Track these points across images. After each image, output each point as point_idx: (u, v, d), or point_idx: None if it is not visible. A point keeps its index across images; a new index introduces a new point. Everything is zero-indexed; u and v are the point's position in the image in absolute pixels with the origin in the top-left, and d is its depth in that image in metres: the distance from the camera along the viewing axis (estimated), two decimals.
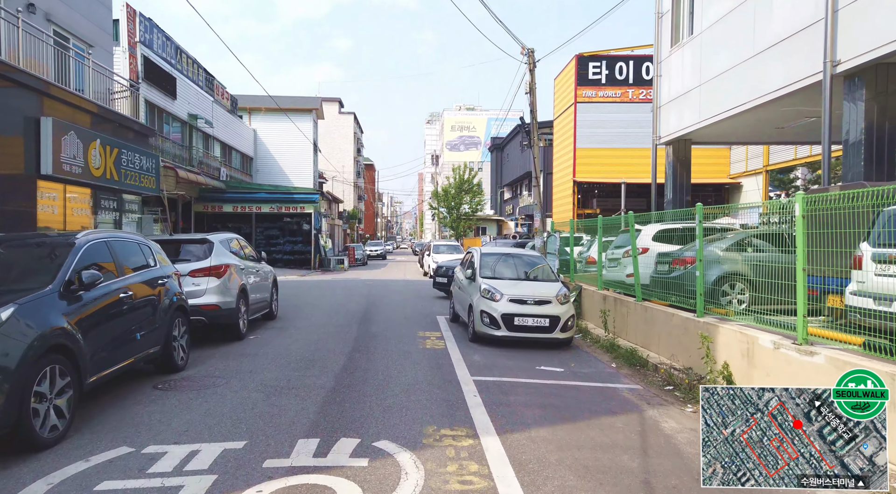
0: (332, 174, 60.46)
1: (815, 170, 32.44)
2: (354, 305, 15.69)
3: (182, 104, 28.91)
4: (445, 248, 27.82)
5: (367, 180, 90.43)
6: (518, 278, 11.38)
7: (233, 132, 37.62)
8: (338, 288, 20.59)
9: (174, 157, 27.98)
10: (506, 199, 63.76)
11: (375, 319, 12.97)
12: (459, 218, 44.99)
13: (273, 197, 31.88)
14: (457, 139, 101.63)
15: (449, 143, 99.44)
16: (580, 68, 39.63)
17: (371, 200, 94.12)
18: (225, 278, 9.72)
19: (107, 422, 5.84)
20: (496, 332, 10.10)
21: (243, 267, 10.70)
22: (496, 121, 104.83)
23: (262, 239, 32.34)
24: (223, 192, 31.28)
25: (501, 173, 63.48)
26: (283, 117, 40.46)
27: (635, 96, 39.63)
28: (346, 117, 70.82)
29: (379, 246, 55.78)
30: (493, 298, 10.19)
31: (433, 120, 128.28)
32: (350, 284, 22.39)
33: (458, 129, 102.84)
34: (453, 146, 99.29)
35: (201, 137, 32.17)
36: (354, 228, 67.18)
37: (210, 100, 33.06)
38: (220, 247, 10.21)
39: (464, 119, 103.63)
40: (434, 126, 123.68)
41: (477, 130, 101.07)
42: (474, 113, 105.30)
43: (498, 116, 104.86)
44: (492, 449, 5.34)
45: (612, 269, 13.36)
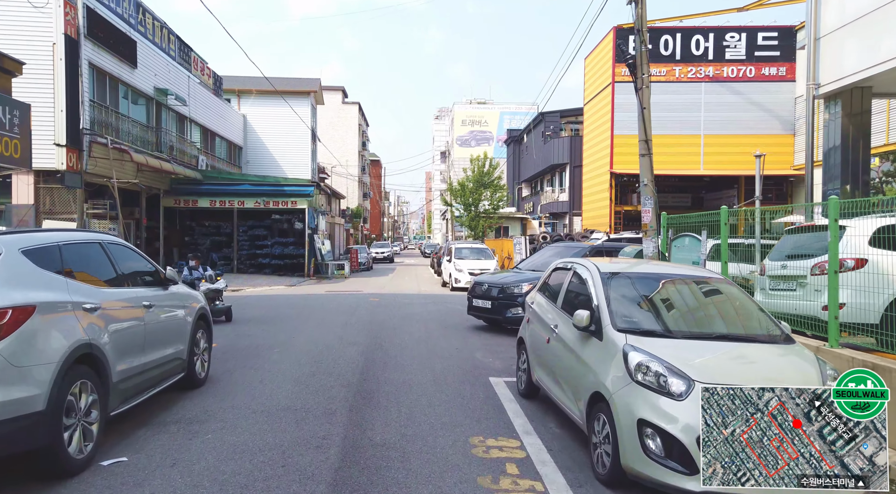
0: (335, 168, 55.13)
1: None
2: (349, 350, 9.53)
3: (145, 75, 23.61)
4: (470, 252, 22.34)
5: (374, 177, 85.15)
6: (702, 332, 4.97)
7: (216, 116, 32.32)
8: (331, 310, 14.51)
9: (134, 138, 22.69)
10: (524, 196, 58.23)
11: (382, 389, 7.07)
12: (478, 216, 39.37)
13: (259, 190, 26.54)
14: (468, 134, 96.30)
15: (459, 138, 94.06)
16: (619, 42, 34.11)
17: (377, 197, 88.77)
18: (19, 339, 3.96)
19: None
20: (685, 482, 3.86)
21: (98, 305, 4.87)
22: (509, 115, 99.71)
23: (245, 240, 26.98)
24: (199, 183, 26.00)
25: (519, 168, 57.97)
26: (277, 102, 35.19)
27: (683, 75, 34.12)
28: (351, 108, 65.47)
29: (386, 248, 50.39)
30: (670, 391, 4.13)
31: (442, 115, 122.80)
32: (349, 302, 16.60)
33: (468, 123, 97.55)
34: (464, 141, 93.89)
35: (174, 119, 26.87)
36: (359, 227, 61.73)
37: (185, 75, 27.77)
38: (15, 264, 4.33)
39: (475, 113, 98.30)
40: (443, 121, 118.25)
41: (489, 125, 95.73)
42: (486, 107, 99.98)
43: (511, 109, 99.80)
44: None
45: (782, 294, 7.92)
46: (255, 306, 15.40)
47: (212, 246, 26.65)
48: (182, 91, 27.03)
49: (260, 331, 11.27)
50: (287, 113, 35.38)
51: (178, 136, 26.98)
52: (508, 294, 10.56)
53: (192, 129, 28.98)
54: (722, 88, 34.00)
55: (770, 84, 33.72)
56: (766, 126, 33.95)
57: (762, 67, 33.71)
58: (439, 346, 9.82)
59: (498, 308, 10.62)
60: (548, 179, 50.75)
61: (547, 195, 48.88)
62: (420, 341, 10.32)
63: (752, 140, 34.39)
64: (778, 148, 34.00)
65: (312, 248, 27.33)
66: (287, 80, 39.74)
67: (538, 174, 51.95)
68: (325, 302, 16.82)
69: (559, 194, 46.27)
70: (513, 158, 58.61)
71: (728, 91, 34.04)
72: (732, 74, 33.94)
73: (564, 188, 45.25)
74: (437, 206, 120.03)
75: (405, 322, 12.43)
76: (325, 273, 28.31)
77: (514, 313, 10.31)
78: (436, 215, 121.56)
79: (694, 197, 39.56)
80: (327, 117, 62.12)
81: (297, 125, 37.00)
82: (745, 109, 33.97)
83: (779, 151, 33.99)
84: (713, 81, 34.00)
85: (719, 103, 34.05)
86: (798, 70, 33.36)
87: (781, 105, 33.82)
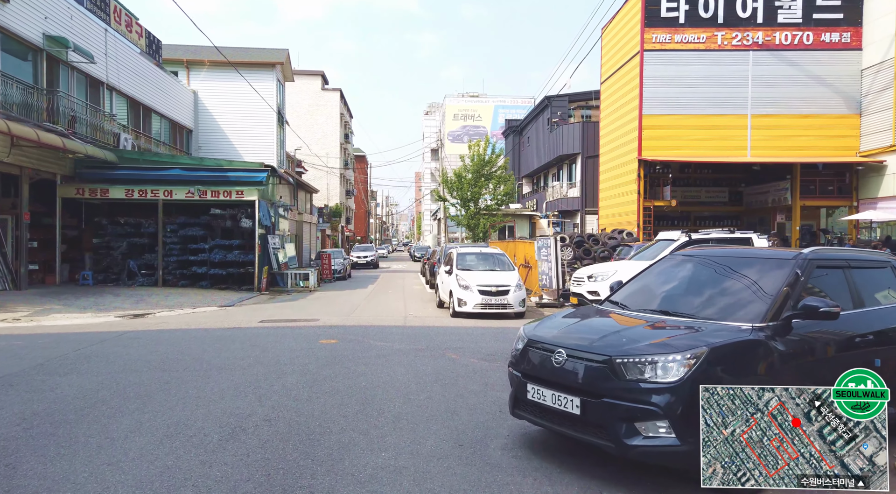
0: (312, 160, 48.62)
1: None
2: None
3: (28, 16, 17.22)
4: (479, 260, 15.46)
5: (359, 173, 78.62)
6: None
7: (153, 87, 25.86)
8: (230, 377, 7.51)
9: (6, 101, 16.29)
10: (524, 194, 52.07)
11: None
12: (478, 213, 32.83)
13: (193, 176, 19.98)
14: (460, 129, 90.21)
15: (451, 133, 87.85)
16: (648, 3, 28.02)
17: (363, 196, 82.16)
18: None
19: None
20: None
21: None
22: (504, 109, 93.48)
23: (175, 243, 20.45)
24: (113, 167, 19.49)
25: (519, 163, 51.80)
26: (236, 77, 28.74)
27: (727, 42, 28.02)
28: (331, 95, 58.86)
29: (369, 252, 43.82)
30: None
31: (432, 111, 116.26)
32: (282, 350, 9.62)
33: (461, 117, 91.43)
34: (456, 137, 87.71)
35: (81, 82, 20.41)
36: (338, 228, 55.05)
37: (101, 27, 21.33)
38: None
39: (467, 106, 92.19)
40: (433, 117, 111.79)
41: (483, 120, 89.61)
42: (479, 100, 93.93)
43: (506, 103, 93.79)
44: None
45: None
46: (110, 358, 9.03)
47: (129, 251, 20.11)
48: (95, 48, 20.56)
49: (73, 433, 5.02)
50: (249, 91, 28.96)
51: (89, 105, 20.50)
52: (633, 387, 3.98)
53: (112, 99, 22.50)
54: (773, 58, 27.98)
55: (832, 53, 27.74)
56: (826, 104, 27.97)
57: (822, 32, 27.73)
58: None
59: (601, 418, 4.09)
60: (554, 174, 44.57)
61: (554, 191, 42.69)
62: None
63: (809, 121, 28.33)
64: (840, 131, 28.00)
65: (266, 253, 20.87)
66: (247, 50, 33.30)
67: (543, 168, 45.77)
68: (238, 350, 9.45)
69: (568, 189, 40.10)
70: (512, 152, 52.42)
71: (781, 62, 28.02)
72: (786, 40, 27.92)
73: (575, 183, 39.09)
74: (427, 206, 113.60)
75: (366, 425, 5.60)
76: (283, 285, 21.89)
77: (650, 438, 3.93)
78: (426, 216, 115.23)
79: (731, 192, 33.47)
80: (304, 104, 55.66)
81: (261, 106, 30.58)
82: (801, 84, 27.97)
83: (841, 135, 27.98)
84: (763, 49, 27.97)
85: (771, 77, 28.02)
86: (866, 35, 27.45)
87: (845, 79, 27.84)
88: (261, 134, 31.87)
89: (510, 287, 13.95)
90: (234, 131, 31.63)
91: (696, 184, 33.68)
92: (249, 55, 32.18)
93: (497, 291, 13.70)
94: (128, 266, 19.91)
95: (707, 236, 13.01)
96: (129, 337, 11.07)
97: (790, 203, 29.06)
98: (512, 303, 13.83)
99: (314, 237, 37.19)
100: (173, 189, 19.84)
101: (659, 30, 28.22)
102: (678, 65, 28.41)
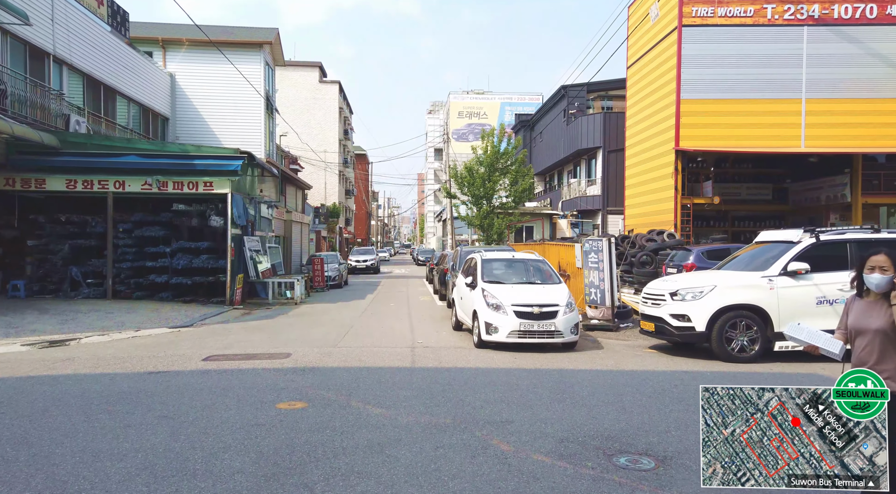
0: (310, 157, 45.04)
1: None
2: None
3: None
4: (512, 269, 11.57)
5: (360, 171, 75.07)
6: None
7: (118, 66, 22.32)
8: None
9: None
10: (536, 193, 48.38)
11: None
12: (492, 212, 29.03)
13: (152, 164, 16.25)
14: (465, 127, 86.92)
15: (456, 131, 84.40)
16: None
17: (364, 196, 78.54)
18: None
19: None
20: None
21: None
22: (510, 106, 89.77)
23: (129, 246, 16.79)
24: (54, 153, 15.88)
25: (530, 159, 48.14)
26: (218, 58, 25.23)
27: (778, 15, 24.35)
28: (329, 88, 55.26)
29: (369, 255, 40.18)
30: None
31: (436, 109, 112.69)
32: (212, 429, 5.69)
33: (466, 115, 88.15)
34: (461, 135, 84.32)
35: (19, 51, 16.86)
36: (336, 230, 51.36)
37: None
38: None
39: (473, 104, 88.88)
40: (437, 116, 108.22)
41: (489, 117, 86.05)
42: (485, 97, 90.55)
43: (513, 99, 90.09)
44: None
45: None
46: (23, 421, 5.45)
47: (72, 255, 16.47)
48: (35, 10, 17.01)
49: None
50: (234, 74, 25.42)
51: (29, 79, 16.93)
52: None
53: (63, 75, 18.94)
54: (832, 34, 24.33)
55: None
56: (893, 87, 24.32)
57: (888, 4, 24.09)
58: None
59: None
60: (570, 170, 40.94)
61: (571, 189, 39.05)
62: None
63: (873, 106, 24.69)
64: (871, 117, 24.35)
65: (241, 257, 17.24)
66: (231, 29, 29.76)
67: (558, 164, 42.19)
68: (131, 434, 5.52)
69: (587, 186, 36.46)
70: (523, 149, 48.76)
71: (841, 38, 24.37)
72: (846, 13, 24.27)
73: (595, 179, 35.45)
74: (430, 207, 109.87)
75: None
76: (265, 296, 18.26)
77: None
78: (429, 218, 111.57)
79: (776, 189, 29.77)
80: (301, 98, 52.13)
81: (247, 91, 27.05)
82: (863, 64, 24.31)
83: (872, 122, 24.33)
84: (819, 24, 24.30)
85: (828, 56, 24.37)
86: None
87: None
88: (247, 123, 28.33)
89: (558, 307, 10.15)
90: (218, 120, 28.08)
91: (734, 179, 30.00)
92: (234, 34, 28.64)
93: (541, 313, 9.99)
94: (70, 274, 16.27)
95: (842, 235, 9.37)
96: (15, 386, 7.45)
97: (849, 201, 25.34)
98: (562, 330, 10.12)
99: (307, 240, 33.56)
100: (126, 180, 16.20)
101: (699, 3, 24.59)
102: (721, 42, 24.77)
